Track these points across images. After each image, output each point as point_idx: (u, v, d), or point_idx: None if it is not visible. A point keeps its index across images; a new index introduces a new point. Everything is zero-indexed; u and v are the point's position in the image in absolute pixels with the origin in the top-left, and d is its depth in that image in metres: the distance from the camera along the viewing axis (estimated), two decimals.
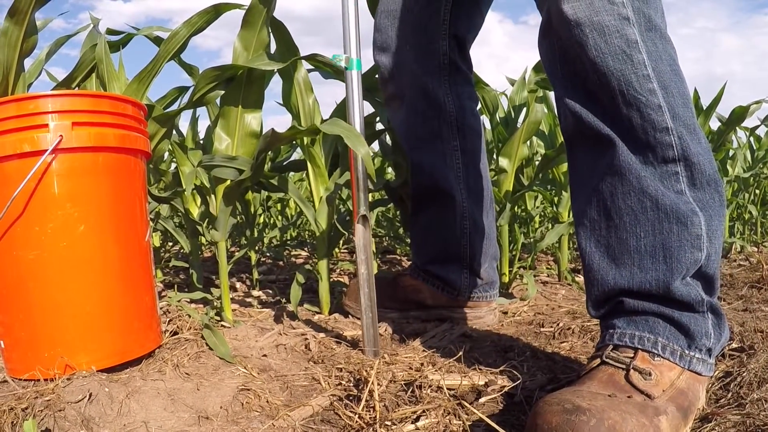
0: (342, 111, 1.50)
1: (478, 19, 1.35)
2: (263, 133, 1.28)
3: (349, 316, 1.39)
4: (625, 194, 0.81)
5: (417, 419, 0.80)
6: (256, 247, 1.96)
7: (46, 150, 0.87)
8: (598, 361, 0.80)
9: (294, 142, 1.71)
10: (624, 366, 0.77)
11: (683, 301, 0.80)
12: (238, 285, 1.84)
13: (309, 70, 1.47)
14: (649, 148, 0.81)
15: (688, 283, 0.81)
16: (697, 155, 0.80)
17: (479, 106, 1.54)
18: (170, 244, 2.58)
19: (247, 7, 1.27)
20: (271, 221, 3.03)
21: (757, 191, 2.99)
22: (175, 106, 1.46)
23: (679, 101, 0.81)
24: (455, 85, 1.32)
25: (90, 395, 0.82)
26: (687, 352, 0.79)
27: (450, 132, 1.33)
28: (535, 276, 1.90)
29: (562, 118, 0.90)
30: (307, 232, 3.13)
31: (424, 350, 1.12)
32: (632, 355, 0.78)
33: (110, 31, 1.45)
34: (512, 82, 1.91)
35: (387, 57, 1.33)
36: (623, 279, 0.82)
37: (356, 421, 0.81)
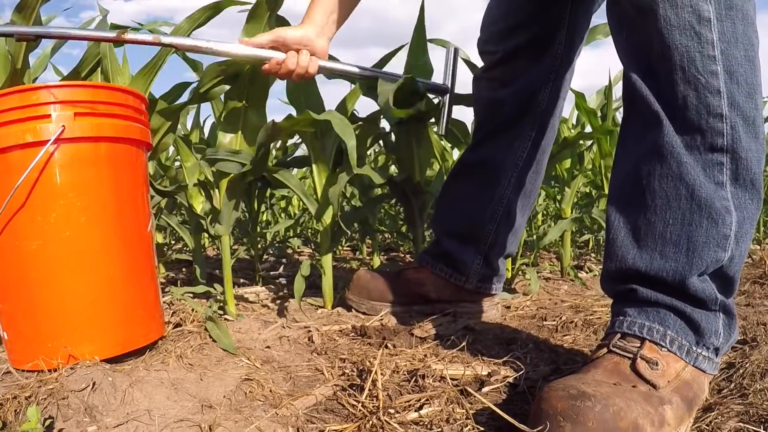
0: (342, 109, 1.51)
1: (593, 8, 1.26)
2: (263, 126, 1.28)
3: (352, 310, 1.39)
4: (662, 177, 0.79)
5: (420, 407, 0.80)
6: (259, 243, 1.96)
7: (49, 140, 0.87)
8: (604, 350, 0.80)
9: (299, 139, 1.72)
10: (630, 355, 0.76)
11: (697, 297, 0.79)
12: (241, 280, 1.84)
13: None
14: (699, 131, 0.78)
15: (705, 279, 0.80)
16: (747, 150, 0.78)
17: None
18: (173, 241, 2.58)
19: (251, 5, 1.27)
20: (275, 218, 3.03)
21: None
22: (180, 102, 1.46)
23: (744, 90, 0.78)
24: (559, 80, 1.25)
25: (93, 384, 0.82)
26: (694, 348, 0.79)
27: (532, 121, 1.26)
28: (538, 272, 1.89)
29: (623, 86, 0.87)
30: (309, 230, 3.13)
31: (426, 342, 1.13)
32: (639, 345, 0.78)
33: (115, 27, 1.46)
34: None
35: (502, 45, 1.25)
36: (642, 261, 0.81)
37: (359, 410, 0.81)
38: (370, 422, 0.77)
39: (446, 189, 1.39)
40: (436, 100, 1.52)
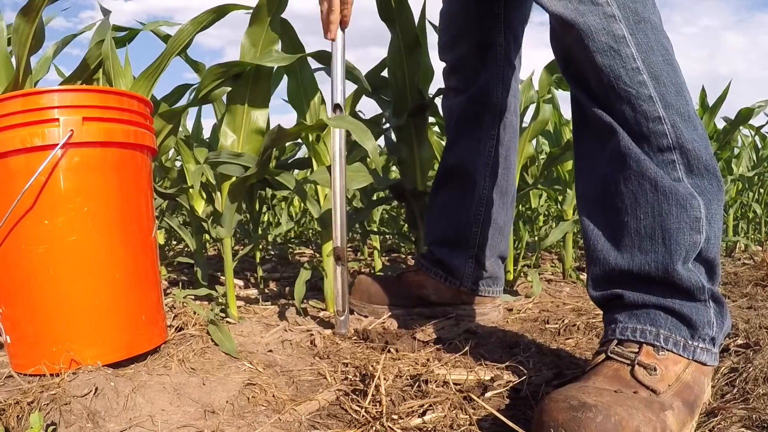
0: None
1: (527, 13, 1.37)
2: (269, 129, 1.27)
3: (354, 312, 1.39)
4: (626, 178, 0.83)
5: (424, 413, 0.80)
6: (261, 245, 1.96)
7: (56, 144, 0.87)
8: (603, 356, 0.80)
9: (299, 140, 1.71)
10: (629, 361, 0.77)
11: (683, 287, 0.80)
12: (242, 282, 1.84)
13: (315, 69, 1.47)
14: (645, 138, 0.82)
15: (689, 268, 0.81)
16: (692, 142, 0.82)
17: None
18: (175, 242, 2.58)
19: (255, 5, 1.27)
20: (276, 219, 3.03)
21: (762, 190, 2.98)
22: (181, 103, 1.46)
23: (672, 90, 0.83)
24: (506, 79, 1.34)
25: (96, 389, 0.82)
26: (690, 342, 0.79)
27: (492, 121, 1.35)
28: (539, 274, 1.89)
29: (572, 109, 0.93)
30: (311, 231, 3.13)
31: (429, 345, 1.12)
32: (637, 350, 0.78)
33: (116, 28, 1.46)
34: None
35: (449, 54, 1.38)
36: (624, 260, 0.84)
37: (362, 415, 0.81)
38: (374, 428, 0.77)
39: (431, 201, 1.45)
40: None
